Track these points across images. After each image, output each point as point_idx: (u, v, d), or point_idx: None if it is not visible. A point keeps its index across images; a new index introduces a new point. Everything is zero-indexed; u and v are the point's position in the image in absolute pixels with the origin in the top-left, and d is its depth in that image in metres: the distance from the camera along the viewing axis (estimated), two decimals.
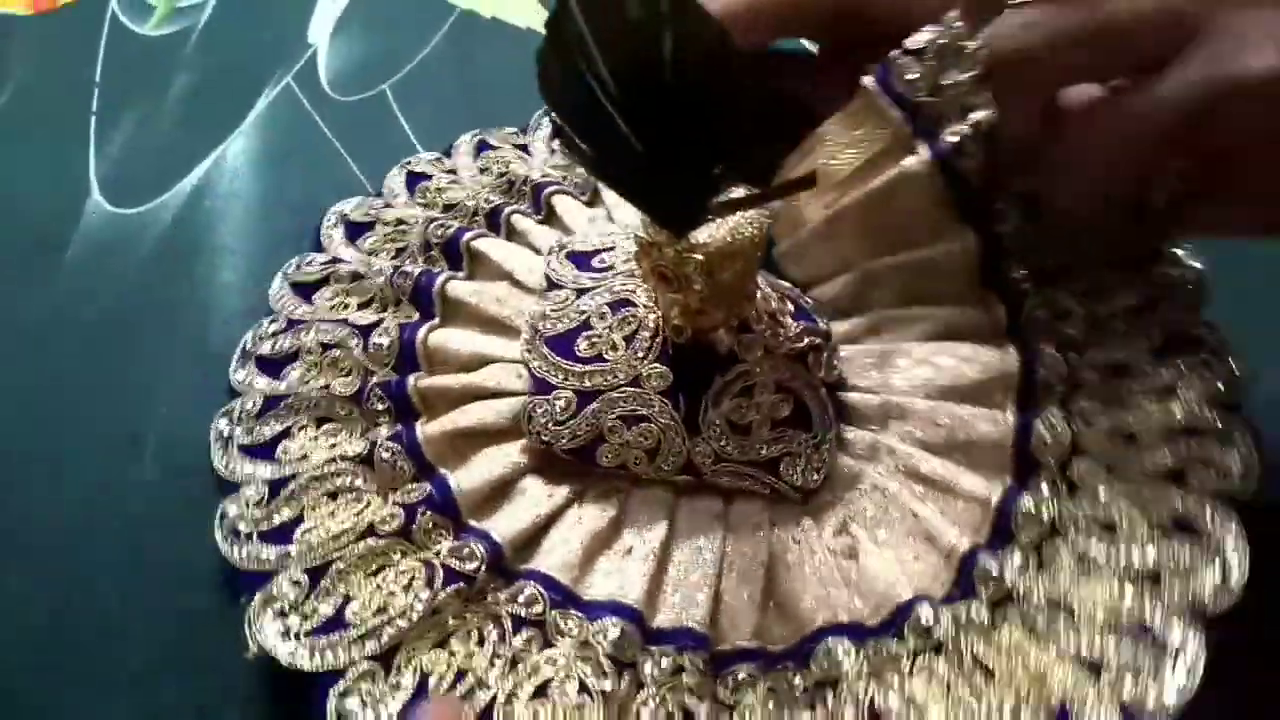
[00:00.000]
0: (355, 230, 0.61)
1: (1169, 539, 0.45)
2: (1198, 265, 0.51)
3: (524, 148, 0.66)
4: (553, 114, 0.40)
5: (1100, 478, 0.47)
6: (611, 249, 0.54)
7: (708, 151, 0.38)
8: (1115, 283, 0.50)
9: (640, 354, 0.48)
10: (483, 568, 0.46)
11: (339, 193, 0.63)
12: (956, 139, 0.47)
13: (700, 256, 0.43)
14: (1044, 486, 0.48)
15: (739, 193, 0.42)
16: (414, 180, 0.64)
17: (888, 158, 0.50)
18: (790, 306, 0.51)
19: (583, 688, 0.43)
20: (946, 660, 0.44)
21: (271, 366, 0.55)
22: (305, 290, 0.58)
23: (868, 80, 0.48)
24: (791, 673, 0.45)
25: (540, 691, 0.43)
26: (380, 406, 0.52)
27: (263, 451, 0.52)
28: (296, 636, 0.44)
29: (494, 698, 0.43)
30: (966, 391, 0.51)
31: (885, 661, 0.44)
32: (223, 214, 0.64)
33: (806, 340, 0.50)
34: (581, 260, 0.54)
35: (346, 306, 0.57)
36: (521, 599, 0.46)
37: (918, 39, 0.46)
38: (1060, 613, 0.44)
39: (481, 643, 0.45)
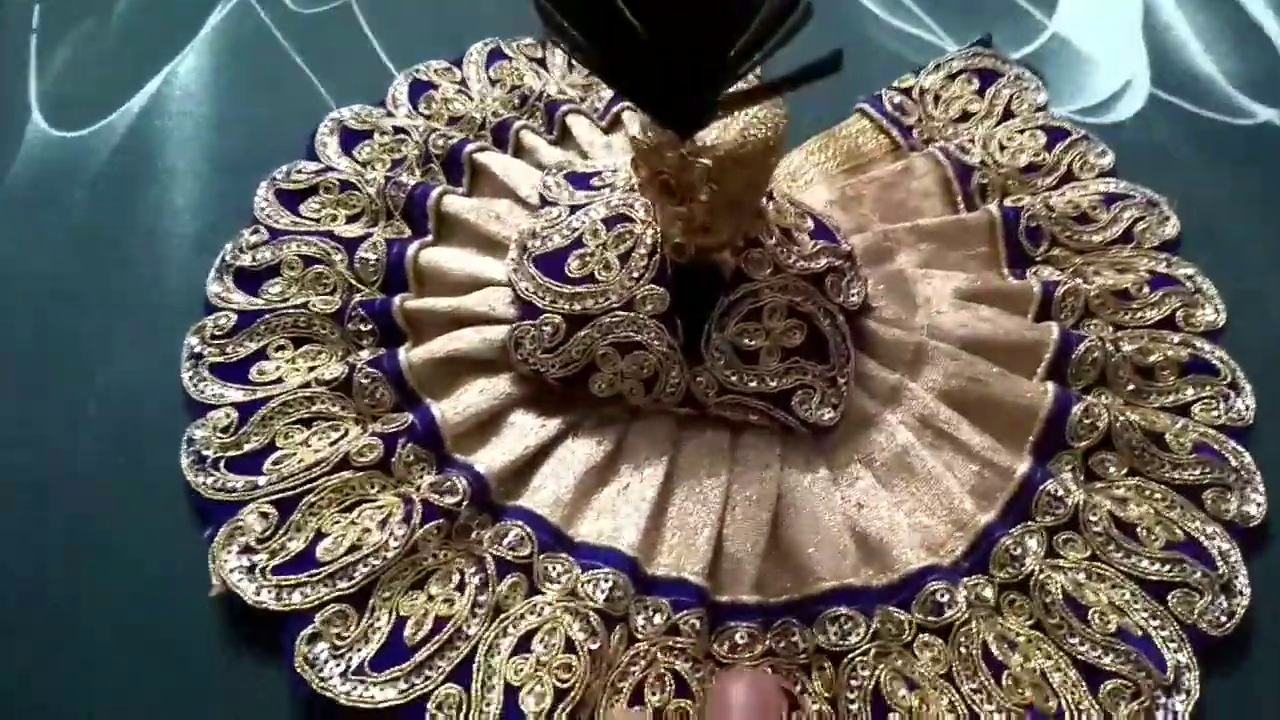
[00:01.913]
0: (351, 139, 0.57)
1: (1184, 560, 0.43)
2: (1217, 306, 0.51)
3: (541, 61, 0.61)
4: (547, 4, 0.35)
5: (1124, 476, 0.46)
6: (614, 170, 0.49)
7: (718, 36, 0.33)
8: (1141, 297, 0.51)
9: (635, 274, 0.44)
10: (465, 503, 0.43)
11: (301, 113, 0.58)
12: (957, 143, 0.55)
13: (707, 161, 0.38)
14: (1067, 471, 0.46)
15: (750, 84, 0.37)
16: (419, 89, 0.59)
17: (889, 158, 0.56)
18: (809, 224, 0.46)
19: (569, 644, 0.39)
20: (952, 645, 0.41)
21: (250, 281, 0.51)
22: (291, 200, 0.54)
23: (866, 106, 0.58)
24: (794, 632, 0.41)
25: (524, 644, 0.40)
26: (363, 328, 0.48)
27: (235, 372, 0.48)
28: (262, 574, 0.41)
29: (474, 649, 0.40)
30: (1000, 350, 0.48)
31: (891, 637, 0.41)
32: (174, 136, 0.59)
33: (825, 261, 0.45)
34: (580, 180, 0.49)
35: (334, 218, 0.53)
36: (507, 540, 0.42)
37: (906, 81, 0.59)
38: (1070, 612, 0.42)
39: (462, 587, 0.41)
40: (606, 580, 0.41)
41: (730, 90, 0.36)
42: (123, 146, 0.59)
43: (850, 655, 0.40)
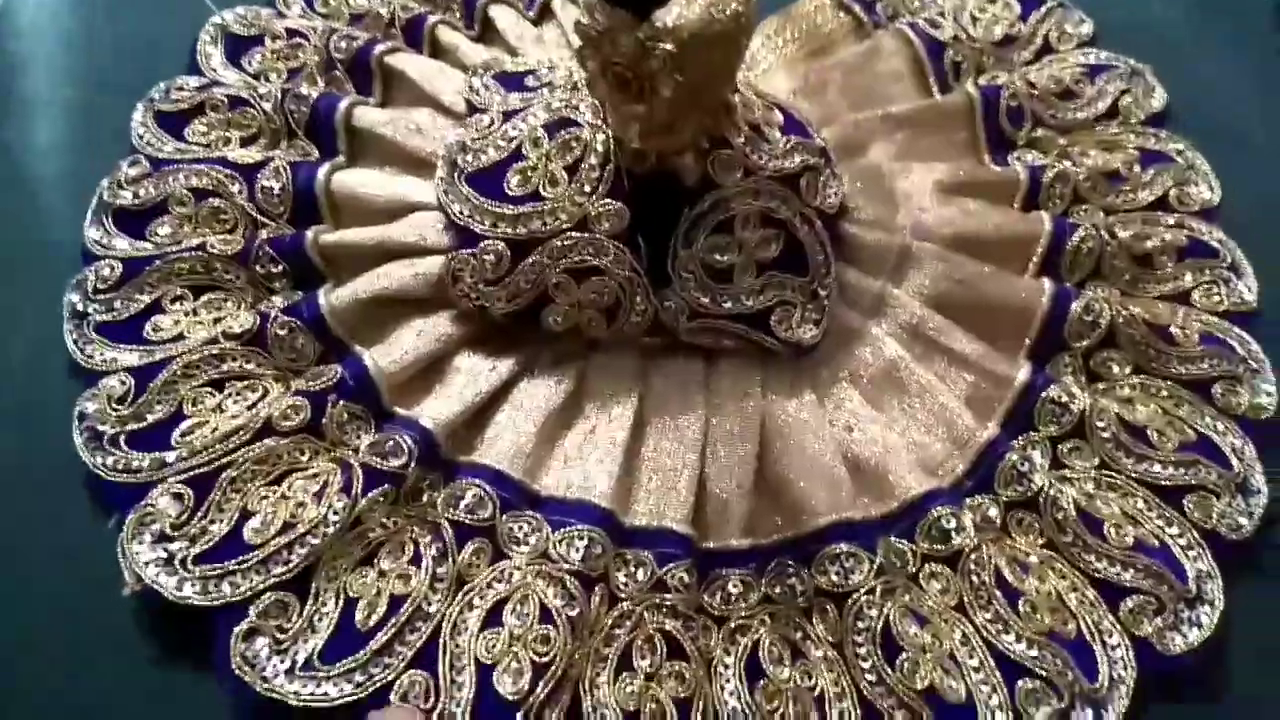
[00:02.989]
0: (237, 47, 0.50)
1: (1197, 460, 0.40)
2: (1211, 183, 0.48)
3: None
4: None
5: (1128, 375, 0.43)
6: (551, 67, 0.43)
7: None
8: (1132, 177, 0.48)
9: (587, 188, 0.38)
10: (412, 464, 0.38)
11: (177, 19, 0.51)
12: (925, 16, 0.51)
13: (670, 45, 0.32)
14: (1068, 375, 0.43)
15: None
16: None
17: (852, 38, 0.52)
18: (778, 117, 0.41)
19: (545, 613, 0.35)
20: (960, 573, 0.38)
21: (133, 223, 0.44)
22: (174, 124, 0.47)
23: None
24: (790, 574, 0.37)
25: (494, 617, 0.35)
26: (273, 269, 0.42)
27: (127, 331, 0.41)
28: (183, 564, 0.36)
29: (438, 628, 0.35)
30: (990, 246, 0.45)
31: (896, 570, 0.38)
32: (30, 59, 0.52)
33: (799, 159, 0.40)
34: (511, 81, 0.43)
35: (226, 142, 0.46)
36: (464, 502, 0.37)
37: None
38: (1084, 528, 0.39)
39: (418, 559, 0.37)
40: (581, 538, 0.36)
41: None
42: None
43: (854, 595, 0.37)
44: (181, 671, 0.36)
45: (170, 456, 0.38)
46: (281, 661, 0.35)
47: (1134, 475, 0.41)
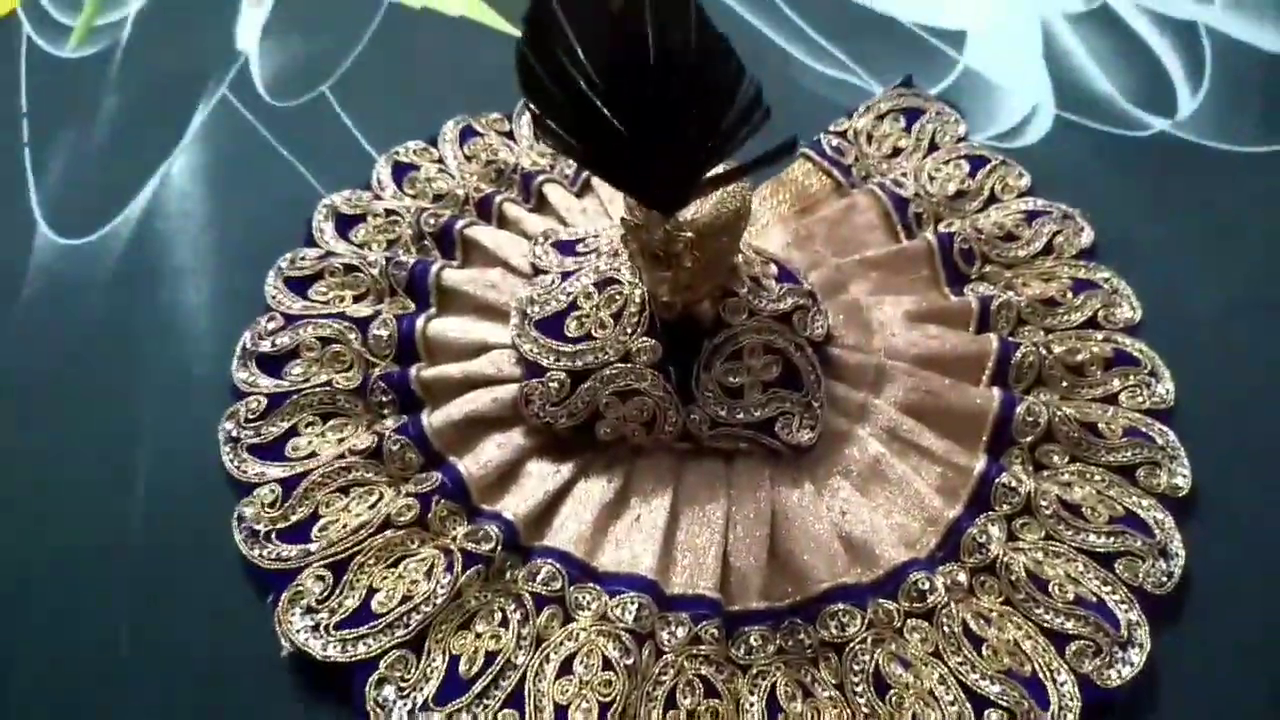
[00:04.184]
0: (345, 224, 0.61)
1: (1125, 531, 0.49)
2: (1133, 303, 0.58)
3: (509, 134, 0.66)
4: (534, 108, 0.40)
5: (1067, 464, 0.52)
6: (596, 235, 0.55)
7: (695, 134, 0.39)
8: (1066, 302, 0.57)
9: (629, 330, 0.49)
10: (499, 548, 0.48)
11: (292, 200, 0.62)
12: (892, 177, 0.62)
13: (689, 234, 0.44)
14: (1017, 464, 0.52)
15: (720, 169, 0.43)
16: (401, 171, 0.64)
17: (834, 196, 0.63)
18: (773, 269, 0.52)
19: (606, 663, 0.45)
20: (935, 625, 0.47)
21: (272, 365, 0.55)
22: (299, 286, 0.59)
23: (808, 150, 0.65)
24: (800, 631, 0.47)
25: (566, 668, 0.45)
26: (384, 399, 0.53)
27: (271, 451, 0.53)
28: (327, 630, 0.46)
29: (523, 676, 0.45)
30: (949, 363, 0.54)
31: (884, 625, 0.47)
32: (176, 234, 0.62)
33: (791, 300, 0.51)
34: (566, 246, 0.55)
35: (342, 300, 0.58)
36: (540, 577, 0.47)
37: (841, 124, 0.66)
38: (1033, 587, 0.48)
39: (505, 623, 0.47)
40: (633, 603, 0.46)
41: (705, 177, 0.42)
42: (129, 251, 0.62)
43: (850, 645, 0.46)
44: (326, 715, 0.46)
45: (312, 547, 0.48)
46: (404, 704, 0.44)
47: (1074, 544, 0.49)
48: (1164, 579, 0.48)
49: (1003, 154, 0.65)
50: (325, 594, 0.47)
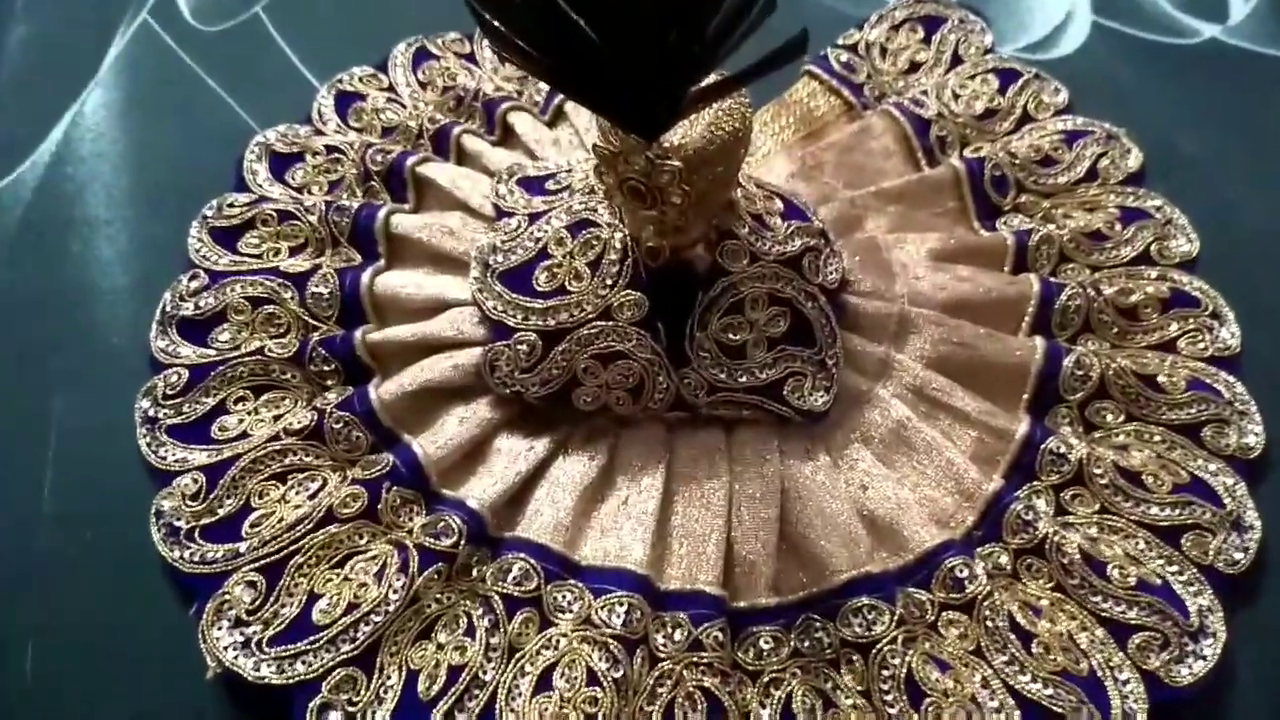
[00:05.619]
0: (281, 164, 0.54)
1: (1191, 501, 0.43)
2: (1189, 235, 0.51)
3: (470, 56, 0.58)
4: (484, 12, 0.32)
5: (1121, 423, 0.46)
6: (569, 170, 0.47)
7: (682, 35, 0.31)
8: (1114, 235, 0.51)
9: (609, 281, 0.42)
10: (462, 542, 0.41)
11: (221, 138, 0.55)
12: (910, 96, 0.55)
13: (677, 162, 0.36)
14: (1065, 425, 0.45)
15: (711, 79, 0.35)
16: (346, 101, 0.56)
17: (844, 120, 0.55)
18: (778, 205, 0.45)
19: (591, 676, 0.38)
20: (976, 619, 0.41)
21: (195, 331, 0.48)
22: (227, 237, 0.51)
23: (813, 68, 0.57)
24: (817, 629, 0.40)
25: (544, 682, 0.38)
26: (326, 368, 0.46)
27: (195, 432, 0.45)
28: (259, 646, 0.39)
29: (494, 694, 0.38)
30: (983, 309, 0.47)
31: (916, 620, 0.40)
32: (90, 181, 0.56)
33: (799, 241, 0.44)
34: (533, 184, 0.47)
35: (276, 252, 0.50)
36: (511, 575, 0.41)
37: (851, 37, 0.58)
38: (1089, 571, 0.41)
39: (471, 631, 0.40)
40: (621, 604, 0.39)
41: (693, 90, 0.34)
42: (37, 201, 0.55)
43: (878, 645, 0.40)
44: None
45: (242, 547, 0.41)
46: None
47: (1133, 518, 0.43)
48: (1238, 555, 0.42)
49: (1035, 67, 0.57)
50: (257, 603, 0.40)
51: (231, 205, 0.51)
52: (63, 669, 0.41)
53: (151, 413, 0.46)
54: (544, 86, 0.55)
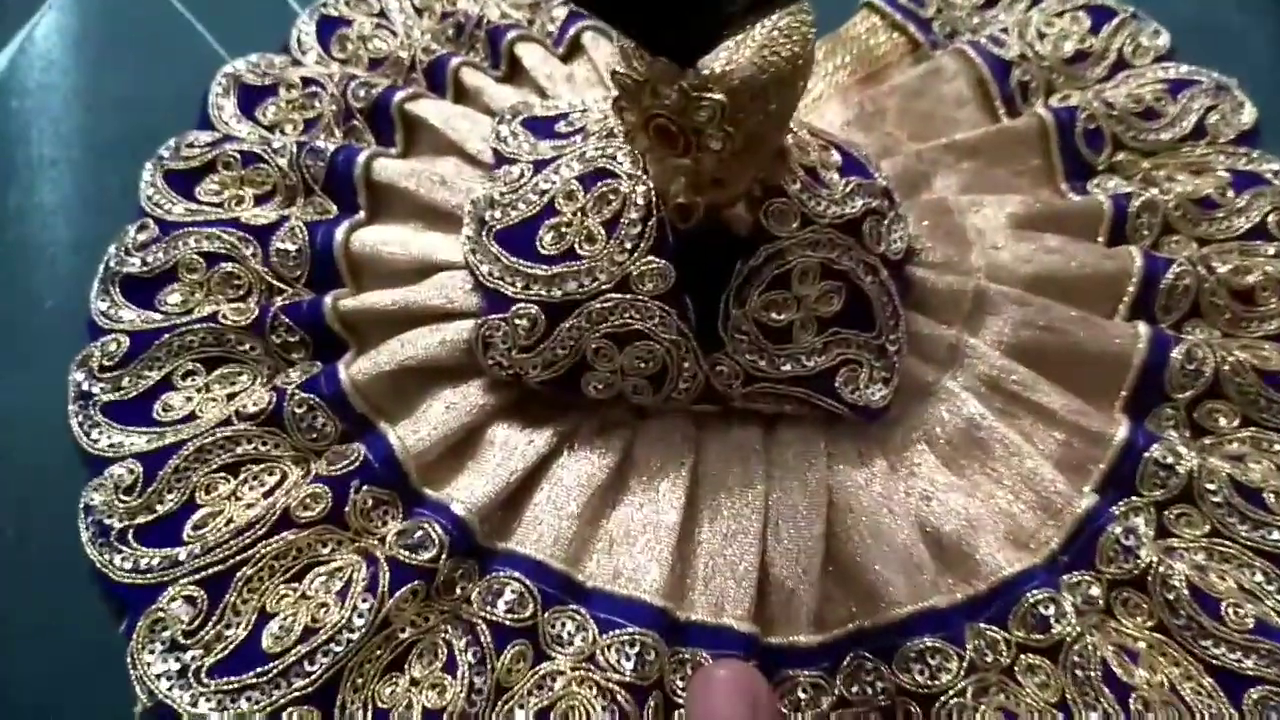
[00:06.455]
0: (251, 98, 0.46)
1: None
2: None
3: None
4: None
5: (1236, 428, 0.39)
6: (584, 110, 0.40)
7: None
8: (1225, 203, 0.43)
9: (628, 245, 0.35)
10: (444, 555, 0.34)
11: (187, 68, 0.48)
12: (988, 34, 0.47)
13: (719, 96, 0.29)
14: (1171, 429, 0.39)
15: None
16: (329, 27, 0.48)
17: (909, 60, 0.48)
18: (835, 158, 0.37)
19: None
20: (1063, 666, 0.34)
21: (142, 292, 0.41)
22: (184, 182, 0.44)
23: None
24: (867, 673, 0.33)
25: None
26: (290, 339, 0.39)
27: (135, 412, 0.38)
28: (198, 677, 0.33)
29: None
30: (1075, 286, 0.40)
31: (989, 667, 0.34)
32: (36, 116, 0.49)
33: (860, 202, 0.36)
34: (541, 126, 0.40)
35: (239, 201, 0.43)
36: (503, 599, 0.34)
37: None
38: (1199, 608, 0.34)
39: (452, 666, 0.33)
40: (633, 644, 0.33)
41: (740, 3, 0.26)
42: None
43: (944, 696, 0.33)
44: None
45: (182, 554, 0.35)
46: None
47: (1249, 544, 0.36)
48: None
49: (1131, 5, 0.49)
50: (197, 622, 0.33)
51: (191, 145, 0.44)
52: None
53: (86, 386, 0.39)
54: (559, 12, 0.47)
